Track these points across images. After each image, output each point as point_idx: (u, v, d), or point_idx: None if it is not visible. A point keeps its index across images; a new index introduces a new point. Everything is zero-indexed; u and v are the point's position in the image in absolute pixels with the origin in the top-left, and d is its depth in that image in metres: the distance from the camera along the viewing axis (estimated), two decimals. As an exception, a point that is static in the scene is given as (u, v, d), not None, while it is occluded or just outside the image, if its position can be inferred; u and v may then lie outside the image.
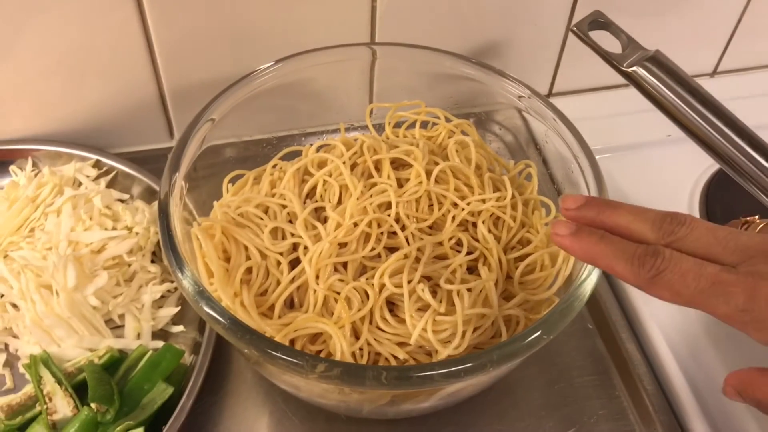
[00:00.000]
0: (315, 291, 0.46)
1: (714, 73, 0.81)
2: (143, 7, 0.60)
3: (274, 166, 0.56)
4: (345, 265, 0.48)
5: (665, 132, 0.73)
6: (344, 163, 0.52)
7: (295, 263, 0.49)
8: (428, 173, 0.52)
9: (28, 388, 0.52)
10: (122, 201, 0.63)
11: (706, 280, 0.33)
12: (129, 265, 0.57)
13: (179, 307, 0.57)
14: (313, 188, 0.53)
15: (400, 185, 0.53)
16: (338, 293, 0.46)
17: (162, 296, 0.58)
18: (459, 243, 0.51)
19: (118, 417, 0.49)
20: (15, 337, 0.56)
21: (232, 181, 0.56)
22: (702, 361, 0.56)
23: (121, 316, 0.56)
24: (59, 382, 0.51)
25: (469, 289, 0.47)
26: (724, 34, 0.77)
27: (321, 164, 0.55)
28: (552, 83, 0.77)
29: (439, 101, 0.61)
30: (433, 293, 0.47)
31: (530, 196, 0.56)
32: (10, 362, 0.55)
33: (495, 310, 0.46)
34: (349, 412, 0.51)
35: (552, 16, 0.71)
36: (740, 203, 0.67)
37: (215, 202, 0.54)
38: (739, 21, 0.76)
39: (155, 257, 0.60)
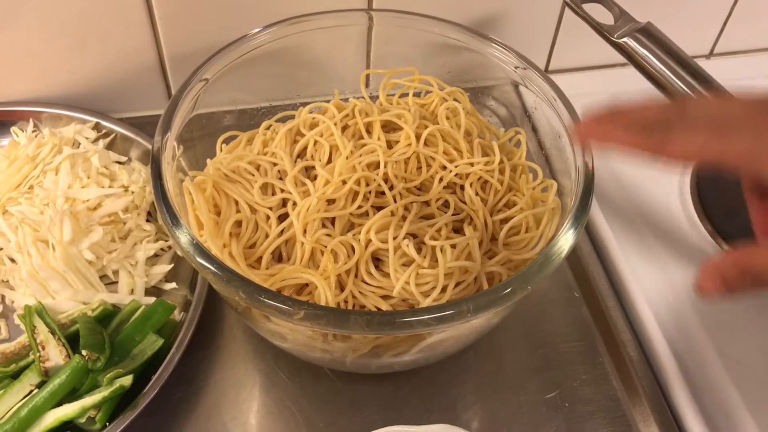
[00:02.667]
0: (302, 244, 0.47)
1: (710, 54, 0.82)
2: (144, -28, 0.61)
3: (268, 128, 0.57)
4: (332, 221, 0.49)
5: (659, 110, 0.73)
6: (335, 124, 0.53)
7: (283, 219, 0.50)
8: (418, 137, 0.53)
9: (23, 338, 0.53)
10: (120, 163, 0.64)
11: (715, 137, 0.34)
12: (124, 223, 0.59)
13: (172, 265, 0.58)
14: (304, 148, 0.54)
15: (389, 147, 0.54)
16: (325, 247, 0.47)
17: (156, 254, 0.59)
18: (446, 205, 0.52)
19: (108, 365, 0.50)
20: (11, 289, 0.57)
21: (226, 142, 0.57)
22: (685, 328, 0.57)
23: (116, 272, 0.57)
24: (52, 332, 0.52)
25: (453, 246, 0.48)
26: (720, 15, 0.78)
27: (313, 125, 0.56)
28: (548, 61, 0.78)
29: (435, 72, 0.62)
30: (418, 250, 0.48)
31: (518, 161, 0.56)
32: (5, 314, 0.57)
33: (477, 264, 0.47)
34: (333, 365, 0.52)
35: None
36: (730, 181, 0.68)
37: (208, 160, 0.55)
38: (736, 2, 0.76)
39: (150, 216, 0.61)
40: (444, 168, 0.53)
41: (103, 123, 0.66)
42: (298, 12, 0.59)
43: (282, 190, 0.50)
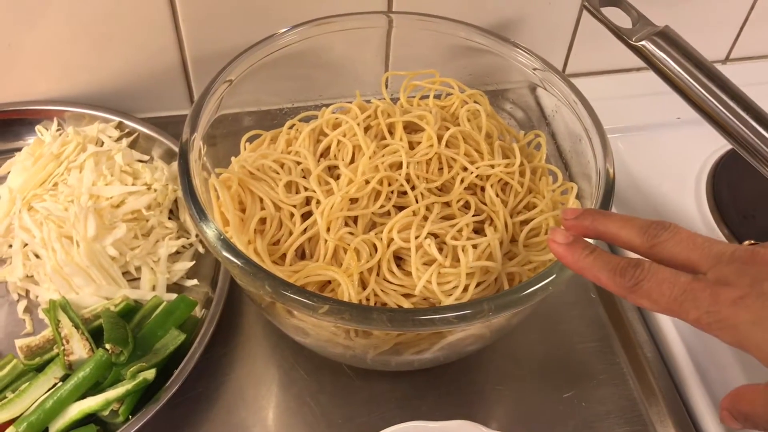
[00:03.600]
0: (326, 242, 0.48)
1: (726, 59, 0.82)
2: (169, -27, 0.62)
3: (291, 127, 0.58)
4: (355, 220, 0.50)
5: (675, 114, 0.74)
6: (358, 124, 0.54)
7: (307, 216, 0.50)
8: (439, 138, 0.54)
9: (47, 332, 0.54)
10: (142, 161, 0.65)
11: (679, 288, 0.35)
12: (147, 220, 0.59)
13: (194, 262, 0.59)
14: (327, 148, 0.55)
15: (411, 148, 0.54)
16: (348, 245, 0.48)
17: (177, 251, 0.60)
18: (466, 206, 0.53)
19: (131, 359, 0.51)
20: (36, 284, 0.58)
21: (250, 140, 0.58)
22: (703, 335, 0.57)
23: (138, 269, 0.58)
24: (76, 326, 0.53)
25: (474, 246, 0.48)
26: (737, 20, 0.78)
27: (336, 126, 0.56)
28: (565, 64, 0.78)
29: (455, 74, 0.62)
30: (439, 250, 0.48)
31: (538, 164, 0.57)
32: (30, 308, 0.58)
33: (498, 265, 0.48)
34: (354, 361, 0.53)
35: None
36: (746, 185, 0.69)
37: (233, 158, 0.55)
38: (753, 7, 0.77)
39: (172, 214, 0.62)
40: (465, 169, 0.54)
41: (126, 122, 0.67)
42: (319, 14, 0.60)
43: (306, 189, 0.51)
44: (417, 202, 0.51)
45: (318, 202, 0.50)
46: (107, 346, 0.51)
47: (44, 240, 0.57)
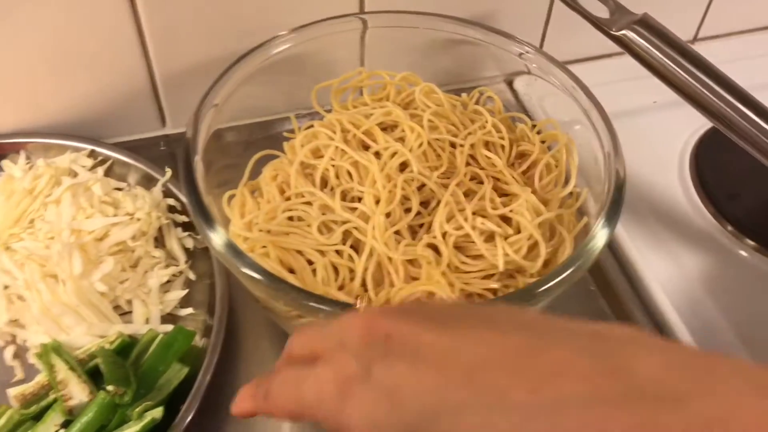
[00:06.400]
0: (391, 260, 0.47)
1: (694, 39, 0.83)
2: (133, -8, 0.59)
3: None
4: (397, 231, 0.50)
5: (651, 98, 0.75)
6: (344, 143, 0.53)
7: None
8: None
9: (41, 377, 0.52)
10: (120, 189, 0.62)
11: (293, 385, 0.31)
12: (133, 251, 0.57)
13: (187, 290, 0.57)
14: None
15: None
16: (413, 257, 0.48)
17: (168, 281, 0.58)
18: (471, 178, 0.53)
19: (135, 399, 0.49)
20: (22, 327, 0.55)
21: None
22: (704, 317, 0.58)
23: (128, 302, 0.56)
24: (72, 369, 0.51)
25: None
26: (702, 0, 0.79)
27: (314, 152, 0.55)
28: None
29: (433, 75, 0.62)
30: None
31: (501, 115, 0.58)
32: (18, 353, 0.55)
33: (551, 213, 0.50)
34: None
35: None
36: (729, 165, 0.69)
37: (230, 227, 0.53)
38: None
39: (157, 242, 0.60)
40: (452, 146, 0.54)
41: (99, 150, 0.64)
42: (288, 22, 0.59)
43: (334, 223, 0.50)
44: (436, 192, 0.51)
45: (355, 229, 0.49)
46: (109, 387, 0.48)
47: (27, 281, 0.54)
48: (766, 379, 0.26)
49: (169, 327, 0.55)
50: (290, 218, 0.51)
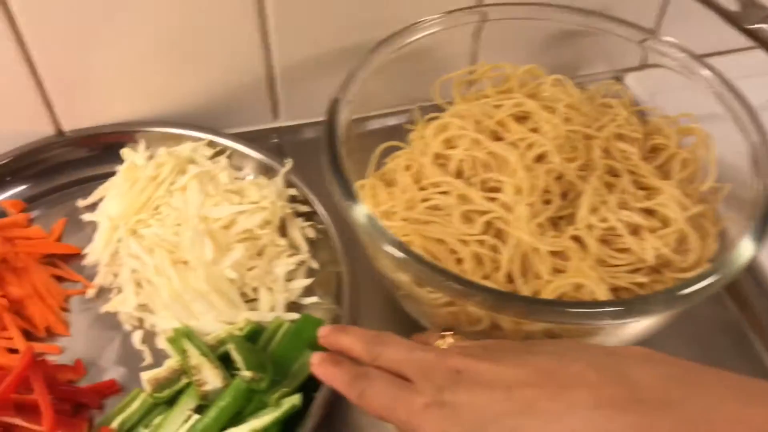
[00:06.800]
0: (537, 251, 0.47)
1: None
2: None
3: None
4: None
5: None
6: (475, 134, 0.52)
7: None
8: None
9: (171, 362, 0.52)
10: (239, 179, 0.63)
11: (387, 397, 0.39)
12: (258, 239, 0.57)
13: (312, 279, 0.57)
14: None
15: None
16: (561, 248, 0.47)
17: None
18: (606, 171, 0.52)
19: (270, 385, 0.49)
20: (150, 312, 0.56)
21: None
22: None
23: (253, 290, 0.56)
24: (204, 355, 0.51)
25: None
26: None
27: (445, 143, 0.54)
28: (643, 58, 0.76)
29: (549, 69, 0.61)
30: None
31: (631, 108, 0.57)
32: (146, 338, 0.55)
33: (698, 207, 0.49)
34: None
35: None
36: None
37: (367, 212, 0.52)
38: None
39: (280, 232, 0.60)
40: (588, 137, 0.53)
41: (217, 139, 0.64)
42: (408, 14, 0.58)
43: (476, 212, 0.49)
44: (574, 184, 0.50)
45: (493, 221, 0.48)
46: (246, 373, 0.48)
47: (157, 267, 0.55)
48: (745, 387, 0.34)
49: (294, 315, 0.55)
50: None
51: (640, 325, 0.46)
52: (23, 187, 0.63)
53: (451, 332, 0.45)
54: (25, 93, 0.61)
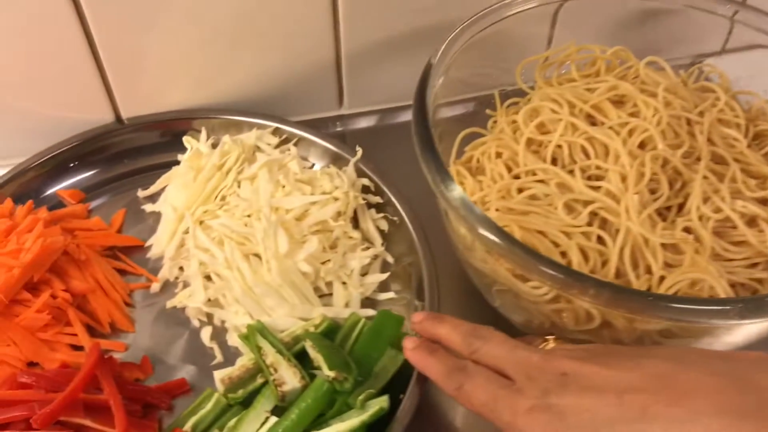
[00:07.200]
0: (647, 244, 0.43)
1: None
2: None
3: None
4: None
5: None
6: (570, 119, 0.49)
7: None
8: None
9: (244, 360, 0.49)
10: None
11: (489, 395, 0.38)
12: (331, 231, 0.54)
13: (388, 273, 0.54)
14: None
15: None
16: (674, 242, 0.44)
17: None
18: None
19: (354, 386, 0.46)
20: (219, 307, 0.53)
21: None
22: None
23: (328, 285, 0.53)
24: (280, 352, 0.48)
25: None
26: None
27: (539, 127, 0.51)
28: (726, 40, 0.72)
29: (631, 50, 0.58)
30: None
31: (730, 93, 0.54)
32: (215, 335, 0.53)
33: None
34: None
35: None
36: None
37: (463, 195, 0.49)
38: None
39: (353, 223, 0.57)
40: (689, 122, 0.49)
41: (283, 127, 0.61)
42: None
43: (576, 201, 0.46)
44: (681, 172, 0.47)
45: (598, 211, 0.45)
46: (330, 372, 0.45)
47: (228, 260, 0.52)
48: None
49: (370, 311, 0.52)
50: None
51: (755, 327, 0.43)
52: (82, 176, 0.61)
53: (554, 337, 0.42)
54: (87, 77, 0.59)
